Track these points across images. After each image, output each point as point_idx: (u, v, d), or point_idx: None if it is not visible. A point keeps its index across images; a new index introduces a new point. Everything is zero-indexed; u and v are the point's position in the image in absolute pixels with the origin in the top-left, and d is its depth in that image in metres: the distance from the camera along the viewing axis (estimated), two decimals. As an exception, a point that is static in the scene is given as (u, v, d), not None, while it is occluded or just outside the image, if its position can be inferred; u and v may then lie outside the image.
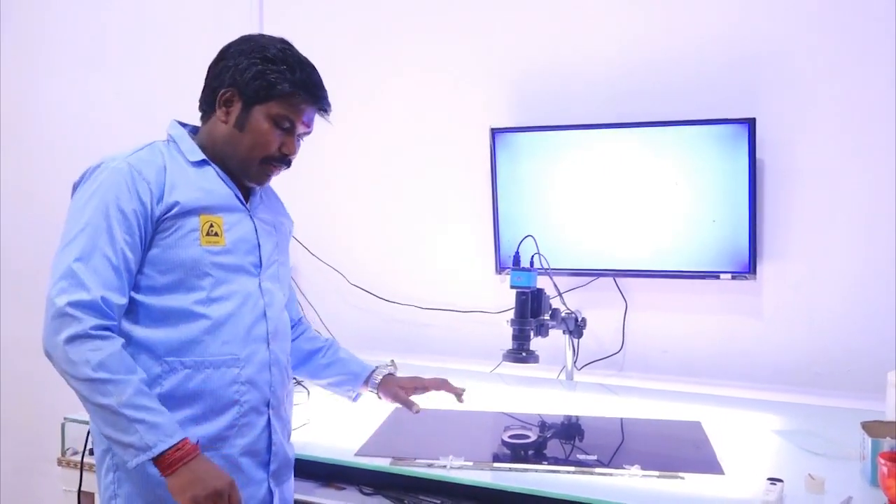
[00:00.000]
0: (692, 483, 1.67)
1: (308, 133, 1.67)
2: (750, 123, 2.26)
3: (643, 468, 1.72)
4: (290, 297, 1.85)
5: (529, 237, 2.29)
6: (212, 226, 1.55)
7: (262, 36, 1.64)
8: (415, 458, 1.76)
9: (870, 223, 2.29)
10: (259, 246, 1.63)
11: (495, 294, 2.65)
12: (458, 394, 1.89)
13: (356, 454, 1.83)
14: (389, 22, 2.81)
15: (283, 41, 1.63)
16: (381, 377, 1.87)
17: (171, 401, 1.49)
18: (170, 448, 1.40)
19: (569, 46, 2.56)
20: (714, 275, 2.38)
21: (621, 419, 2.11)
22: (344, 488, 1.79)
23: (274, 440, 1.61)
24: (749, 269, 2.33)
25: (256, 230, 1.63)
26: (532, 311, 2.21)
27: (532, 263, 2.26)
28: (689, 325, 2.50)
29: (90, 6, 3.25)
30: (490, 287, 2.68)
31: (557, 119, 2.52)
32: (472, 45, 2.69)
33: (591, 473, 1.72)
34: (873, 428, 1.70)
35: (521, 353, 2.18)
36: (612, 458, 1.81)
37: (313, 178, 2.93)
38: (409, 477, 1.74)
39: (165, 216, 1.51)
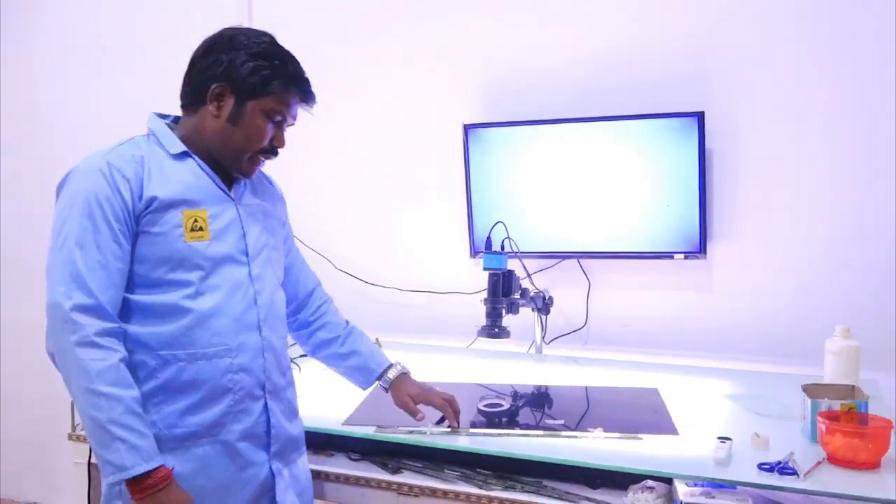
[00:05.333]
0: (650, 443, 1.68)
1: (293, 125, 1.60)
2: (699, 116, 2.27)
3: (605, 430, 1.74)
4: (299, 270, 1.79)
5: (500, 223, 2.29)
6: (196, 221, 1.47)
7: (247, 29, 1.55)
8: (398, 426, 1.76)
9: (807, 205, 2.31)
10: (245, 234, 1.55)
11: (470, 276, 2.66)
12: (454, 426, 1.76)
13: (344, 423, 1.83)
14: (371, 24, 2.79)
15: (266, 34, 1.55)
16: (395, 376, 1.80)
17: (167, 392, 1.45)
18: (145, 472, 1.35)
19: (535, 50, 2.57)
20: (668, 255, 2.40)
21: (586, 388, 2.12)
22: (333, 455, 1.80)
23: (273, 422, 1.54)
24: (700, 249, 2.34)
25: (241, 218, 1.55)
26: (503, 291, 2.20)
27: (503, 247, 2.26)
28: (646, 302, 2.51)
29: (89, 8, 3.20)
30: (465, 269, 2.69)
31: (525, 115, 2.52)
32: (447, 47, 2.69)
33: (559, 436, 1.73)
34: (812, 390, 1.72)
35: (494, 329, 2.18)
36: (578, 423, 1.82)
37: (301, 171, 2.91)
38: (392, 443, 1.74)
39: (146, 212, 1.44)
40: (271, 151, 1.57)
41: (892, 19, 2.17)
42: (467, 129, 2.56)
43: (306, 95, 1.57)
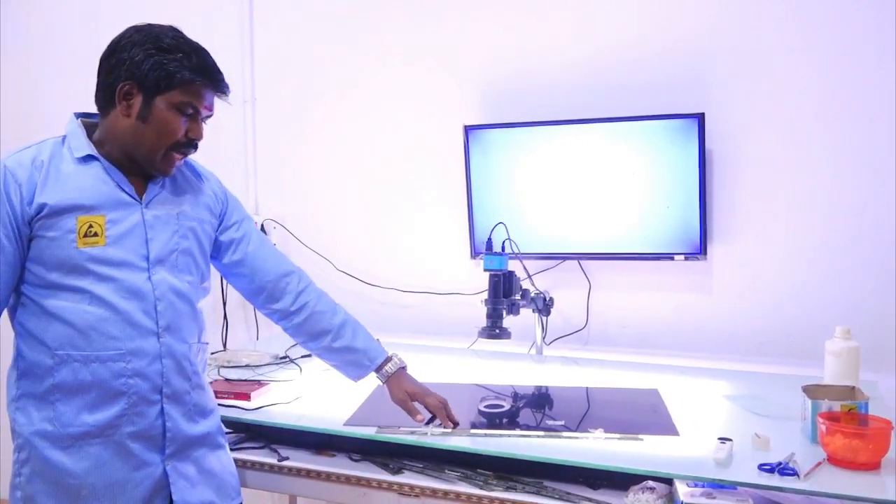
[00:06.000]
0: (650, 444, 1.68)
1: (210, 116, 1.57)
2: (699, 118, 2.27)
3: (606, 431, 1.73)
4: (257, 260, 1.75)
5: (501, 224, 2.29)
6: (91, 226, 1.47)
7: (151, 25, 1.53)
8: (399, 427, 1.76)
9: (807, 207, 2.31)
10: (149, 239, 1.53)
11: (470, 277, 2.66)
12: (448, 426, 1.75)
13: (345, 424, 1.82)
14: (371, 25, 2.79)
15: (173, 29, 1.54)
16: (393, 371, 1.80)
17: (62, 391, 1.47)
18: None
19: (536, 51, 2.57)
20: (668, 256, 2.40)
21: (586, 388, 2.11)
22: (335, 455, 1.80)
23: (169, 426, 1.54)
24: (700, 250, 2.34)
25: (146, 223, 1.53)
26: (504, 292, 2.20)
27: (503, 248, 2.25)
28: (646, 303, 2.51)
29: (88, 7, 3.19)
30: (465, 270, 2.69)
31: (526, 116, 2.52)
32: (448, 48, 2.69)
33: (559, 437, 1.73)
34: (813, 391, 1.72)
35: (494, 330, 2.18)
36: (579, 424, 1.81)
37: (301, 172, 2.93)
38: (393, 444, 1.74)
39: (37, 217, 1.45)
40: (188, 145, 1.55)
41: (891, 21, 2.17)
42: (468, 130, 2.55)
43: (217, 85, 1.54)
